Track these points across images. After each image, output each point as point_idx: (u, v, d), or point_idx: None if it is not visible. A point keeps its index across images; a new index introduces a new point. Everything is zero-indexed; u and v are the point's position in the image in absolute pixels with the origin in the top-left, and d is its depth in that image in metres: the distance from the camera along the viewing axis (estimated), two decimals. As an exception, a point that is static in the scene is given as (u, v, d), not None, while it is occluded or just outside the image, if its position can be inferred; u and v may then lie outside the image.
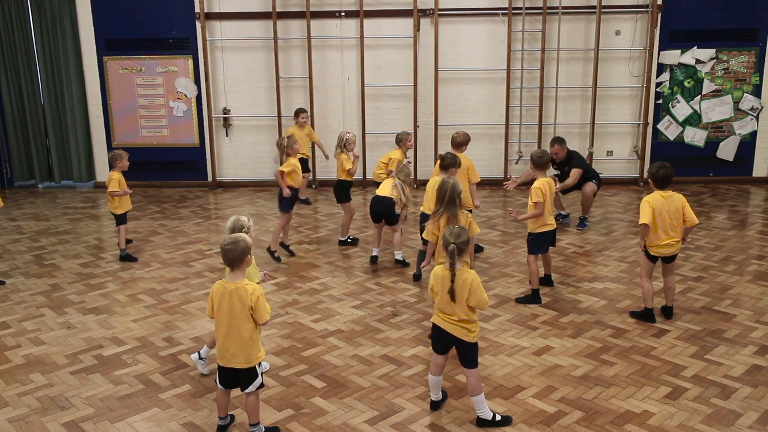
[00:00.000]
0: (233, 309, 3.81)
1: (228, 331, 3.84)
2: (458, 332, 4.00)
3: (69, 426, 4.16)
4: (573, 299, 6.05)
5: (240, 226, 4.47)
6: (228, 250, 3.81)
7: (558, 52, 10.22)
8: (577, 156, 8.14)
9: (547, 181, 5.93)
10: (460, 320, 3.99)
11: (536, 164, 6.06)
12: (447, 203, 5.14)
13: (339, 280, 6.62)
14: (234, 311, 3.81)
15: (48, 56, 10.56)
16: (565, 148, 8.07)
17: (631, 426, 4.08)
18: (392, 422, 4.16)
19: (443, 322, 4.04)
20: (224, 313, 3.84)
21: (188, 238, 8.12)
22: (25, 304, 6.12)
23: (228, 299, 3.82)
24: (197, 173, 10.99)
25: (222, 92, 10.68)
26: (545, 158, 6.08)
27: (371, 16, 10.23)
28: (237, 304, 3.80)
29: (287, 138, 7.13)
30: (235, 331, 3.82)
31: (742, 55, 10.23)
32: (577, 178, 7.86)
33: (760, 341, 5.16)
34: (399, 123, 10.54)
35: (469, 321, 4.00)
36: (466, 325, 4.00)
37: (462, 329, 4.00)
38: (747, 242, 7.65)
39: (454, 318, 4.00)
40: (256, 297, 3.80)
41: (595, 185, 8.12)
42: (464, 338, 4.01)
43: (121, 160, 7.25)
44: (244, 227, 4.49)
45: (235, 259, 3.83)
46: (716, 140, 10.53)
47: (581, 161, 8.12)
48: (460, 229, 4.04)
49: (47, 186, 11.22)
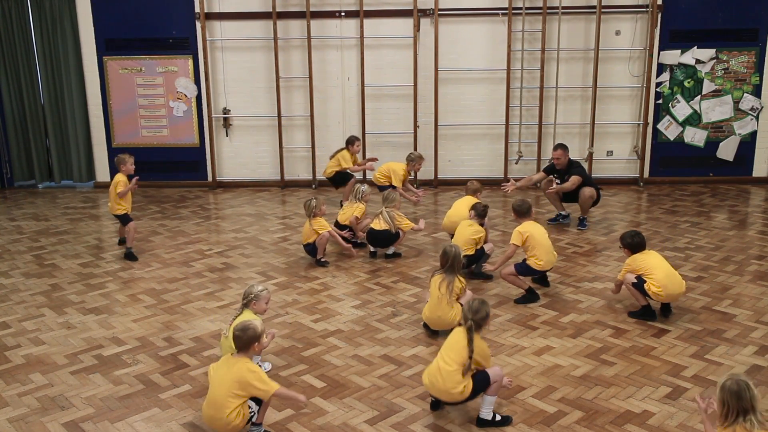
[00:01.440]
0: (222, 380, 3.84)
1: (209, 401, 3.89)
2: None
3: (69, 426, 4.16)
4: (573, 299, 6.05)
5: (250, 292, 4.63)
6: (237, 337, 3.90)
7: (558, 52, 10.22)
8: (577, 165, 8.14)
9: (531, 226, 5.91)
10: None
11: (517, 212, 6.08)
12: (447, 270, 5.23)
13: (339, 280, 6.62)
14: (223, 382, 3.83)
15: (48, 56, 10.56)
16: (567, 156, 8.07)
17: (631, 426, 4.08)
18: (392, 422, 4.16)
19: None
20: (213, 381, 3.90)
21: (188, 238, 8.12)
22: (25, 304, 6.11)
23: (224, 369, 3.87)
24: (197, 173, 10.99)
25: (222, 92, 10.68)
26: (525, 207, 6.05)
27: (371, 16, 10.23)
28: (227, 377, 3.82)
29: (315, 199, 6.98)
30: (216, 402, 3.83)
31: (742, 55, 10.23)
32: (575, 183, 7.87)
33: (760, 341, 5.16)
34: (399, 123, 10.56)
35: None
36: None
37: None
38: (747, 242, 7.65)
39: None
40: (255, 375, 3.82)
41: (594, 190, 8.10)
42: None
43: (125, 164, 7.34)
44: (252, 294, 4.62)
45: (242, 347, 3.90)
46: (716, 140, 10.53)
47: (581, 170, 8.11)
48: (479, 304, 4.10)
49: (47, 186, 11.22)
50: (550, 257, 5.98)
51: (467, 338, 4.00)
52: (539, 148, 10.51)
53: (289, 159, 10.84)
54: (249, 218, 8.99)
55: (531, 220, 6.04)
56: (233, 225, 8.68)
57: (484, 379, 4.06)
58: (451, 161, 10.74)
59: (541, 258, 5.90)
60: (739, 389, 3.22)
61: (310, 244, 7.01)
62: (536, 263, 5.91)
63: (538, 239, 5.90)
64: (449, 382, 4.00)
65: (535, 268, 5.94)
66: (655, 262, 5.52)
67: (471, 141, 10.73)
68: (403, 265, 7.01)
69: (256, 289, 4.65)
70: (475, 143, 10.74)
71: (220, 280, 6.66)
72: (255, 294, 4.61)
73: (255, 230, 8.41)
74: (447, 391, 4.02)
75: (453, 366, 4.00)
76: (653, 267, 5.47)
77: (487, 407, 4.11)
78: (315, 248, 6.99)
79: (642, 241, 5.61)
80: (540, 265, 5.92)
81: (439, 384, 4.04)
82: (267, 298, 4.69)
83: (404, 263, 7.08)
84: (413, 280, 6.56)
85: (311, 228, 6.96)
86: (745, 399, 3.21)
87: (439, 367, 4.06)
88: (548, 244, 5.96)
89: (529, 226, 5.96)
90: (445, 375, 4.01)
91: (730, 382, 3.25)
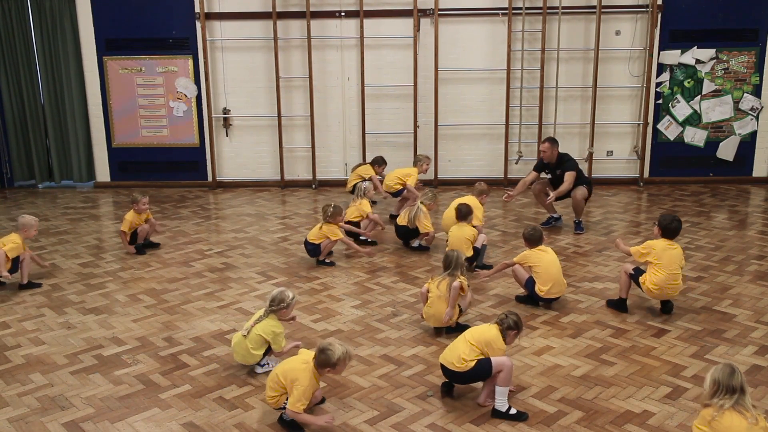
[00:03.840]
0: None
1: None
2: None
3: (69, 426, 4.16)
4: (573, 299, 6.05)
5: (281, 299, 4.73)
6: (322, 357, 3.99)
7: (558, 52, 10.23)
8: (568, 158, 7.94)
9: (537, 254, 5.79)
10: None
11: (527, 241, 5.92)
12: (450, 274, 5.33)
13: (339, 280, 6.62)
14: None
15: (48, 56, 10.56)
16: (555, 150, 7.91)
17: (631, 426, 4.08)
18: (392, 422, 4.16)
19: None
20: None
21: (188, 238, 8.12)
22: (25, 304, 6.11)
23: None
24: (197, 173, 10.99)
25: (222, 92, 10.68)
26: (537, 235, 5.87)
27: (371, 16, 10.23)
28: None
29: (334, 206, 6.94)
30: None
31: (742, 55, 10.23)
32: (572, 182, 7.69)
33: (760, 341, 5.16)
34: (399, 123, 10.56)
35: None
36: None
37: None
38: (747, 242, 7.65)
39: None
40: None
41: (586, 190, 7.93)
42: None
43: (137, 204, 7.44)
44: (285, 303, 4.74)
45: (319, 365, 4.02)
46: (716, 140, 10.53)
47: (573, 163, 7.92)
48: (517, 317, 4.38)
49: (47, 186, 11.22)
50: (556, 288, 5.73)
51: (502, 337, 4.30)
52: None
53: (289, 159, 10.84)
54: (249, 218, 9.00)
55: (542, 247, 5.84)
56: (233, 225, 8.69)
57: (487, 362, 4.22)
58: (451, 161, 10.74)
59: (543, 285, 5.73)
60: (732, 369, 3.38)
61: (313, 245, 7.00)
62: (539, 288, 5.74)
63: (544, 267, 5.72)
64: (460, 351, 4.28)
65: (538, 293, 5.76)
66: (669, 259, 5.45)
67: (471, 141, 10.73)
68: (403, 265, 7.01)
69: (288, 296, 4.72)
70: (475, 143, 10.74)
71: (220, 280, 6.66)
72: (287, 303, 4.72)
73: (255, 230, 8.41)
74: (455, 359, 4.28)
75: (469, 349, 4.27)
76: (665, 264, 5.43)
77: (501, 398, 4.19)
78: (317, 248, 6.98)
79: (678, 228, 5.58)
80: (542, 291, 5.73)
81: (450, 354, 4.33)
82: (294, 305, 4.87)
83: (404, 263, 7.08)
84: (413, 280, 6.56)
85: (320, 231, 6.94)
86: (736, 379, 3.35)
87: (458, 341, 4.39)
88: (555, 272, 5.71)
89: (535, 254, 5.79)
90: (460, 347, 4.32)
91: (722, 365, 3.44)
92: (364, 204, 7.60)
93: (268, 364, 4.75)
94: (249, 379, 4.69)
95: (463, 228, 6.68)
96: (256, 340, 4.63)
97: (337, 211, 6.92)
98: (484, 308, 5.87)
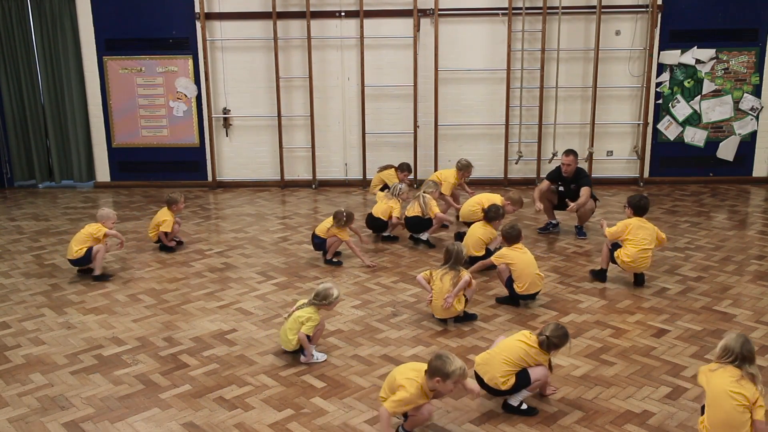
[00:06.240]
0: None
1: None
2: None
3: (69, 426, 4.16)
4: (573, 299, 6.05)
5: (325, 296, 4.85)
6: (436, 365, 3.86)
7: (558, 52, 10.23)
8: (585, 174, 7.97)
9: (514, 252, 5.81)
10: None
11: (506, 238, 5.93)
12: (451, 267, 5.45)
13: (339, 280, 6.62)
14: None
15: (48, 56, 10.57)
16: (577, 162, 7.90)
17: (631, 426, 4.08)
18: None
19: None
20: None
21: (188, 238, 8.12)
22: (25, 304, 6.11)
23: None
24: (197, 173, 10.99)
25: (222, 92, 10.69)
26: (515, 233, 5.89)
27: (371, 16, 10.23)
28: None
29: (347, 215, 6.92)
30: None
31: (742, 55, 10.23)
32: (588, 197, 7.69)
33: (760, 341, 5.16)
34: (399, 123, 10.56)
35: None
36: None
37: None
38: (747, 242, 7.65)
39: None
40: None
41: (594, 204, 7.95)
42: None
43: (176, 204, 7.58)
44: (331, 299, 4.87)
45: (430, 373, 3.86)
46: (716, 140, 10.53)
47: (589, 180, 7.96)
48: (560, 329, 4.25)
49: (47, 186, 11.22)
50: (533, 287, 5.77)
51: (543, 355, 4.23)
52: (539, 148, 10.52)
53: (289, 159, 10.84)
54: (249, 218, 8.99)
55: (519, 245, 5.87)
56: (233, 225, 8.69)
57: (525, 377, 4.19)
58: (451, 161, 10.71)
59: (520, 283, 5.77)
60: (744, 339, 3.60)
61: (320, 239, 7.02)
62: (516, 286, 5.78)
63: (521, 267, 5.75)
64: (497, 372, 4.19)
65: (516, 290, 5.79)
66: (642, 236, 6.08)
67: (471, 141, 10.73)
68: (403, 265, 7.01)
69: (332, 294, 4.85)
70: (475, 143, 10.74)
71: (220, 280, 6.65)
72: (329, 300, 4.85)
73: (255, 230, 8.41)
74: (493, 378, 4.19)
75: (506, 367, 4.18)
76: (638, 240, 6.06)
77: (517, 396, 4.21)
78: (322, 243, 7.02)
79: (647, 205, 6.24)
80: (520, 288, 5.77)
81: (489, 370, 4.23)
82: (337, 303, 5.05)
83: (404, 263, 7.08)
84: (413, 280, 6.54)
85: (328, 231, 6.96)
86: (747, 348, 3.55)
87: (493, 356, 4.26)
88: (531, 272, 5.74)
89: (512, 252, 5.83)
90: (496, 366, 4.19)
91: (737, 333, 3.66)
92: (395, 206, 7.65)
93: (314, 356, 4.90)
94: (249, 379, 4.69)
95: (485, 228, 6.73)
96: (293, 325, 4.83)
97: (350, 219, 6.97)
98: (484, 308, 5.87)
